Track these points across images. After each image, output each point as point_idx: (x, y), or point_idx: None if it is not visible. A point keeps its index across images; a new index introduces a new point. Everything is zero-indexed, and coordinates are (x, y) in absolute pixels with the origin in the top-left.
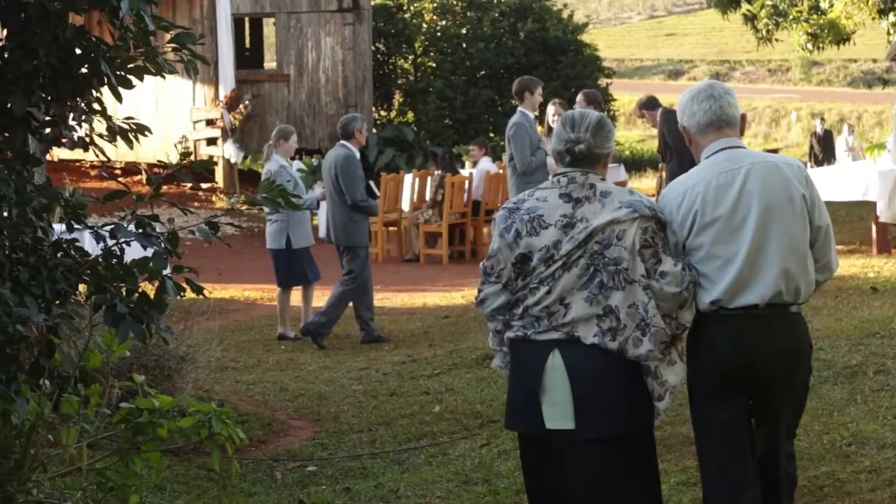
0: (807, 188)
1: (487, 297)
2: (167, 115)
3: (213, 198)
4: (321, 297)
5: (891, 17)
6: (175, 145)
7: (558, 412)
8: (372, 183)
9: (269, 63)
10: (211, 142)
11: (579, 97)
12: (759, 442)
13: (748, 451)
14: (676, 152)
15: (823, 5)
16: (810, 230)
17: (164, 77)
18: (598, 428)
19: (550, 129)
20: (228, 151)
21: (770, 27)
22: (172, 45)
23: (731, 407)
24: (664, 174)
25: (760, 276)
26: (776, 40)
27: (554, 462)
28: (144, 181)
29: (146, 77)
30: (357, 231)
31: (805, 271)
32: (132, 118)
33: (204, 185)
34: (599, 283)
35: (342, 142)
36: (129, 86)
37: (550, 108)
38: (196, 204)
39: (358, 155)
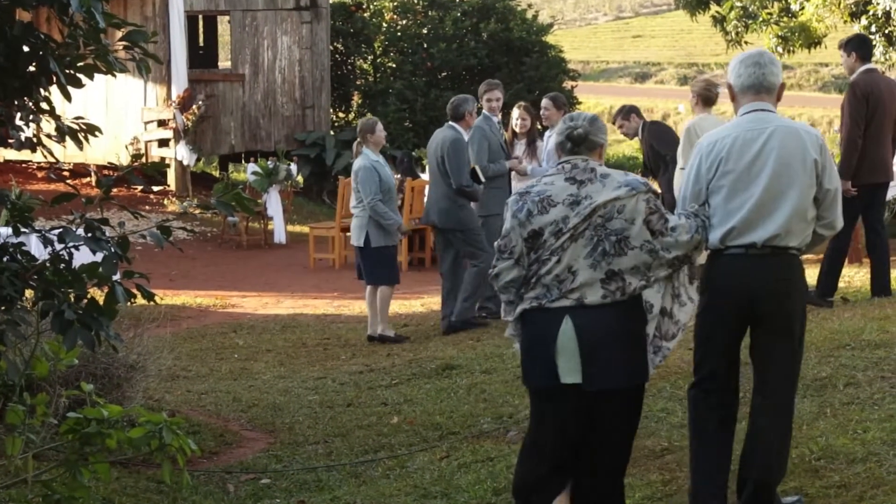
0: (820, 154)
1: (501, 272)
2: (117, 115)
3: (165, 201)
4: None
5: (863, 21)
6: (126, 147)
7: (570, 368)
8: (477, 168)
9: (224, 62)
10: (163, 143)
11: (545, 101)
12: (758, 387)
13: (736, 365)
14: (672, 157)
15: (794, 8)
16: (820, 191)
17: (114, 76)
18: (602, 381)
19: (515, 133)
20: (181, 153)
21: (739, 29)
22: (124, 43)
23: (725, 336)
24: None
25: (764, 220)
26: (746, 43)
27: (563, 412)
28: (94, 183)
29: (96, 76)
30: (465, 213)
31: (803, 223)
32: (82, 118)
33: (155, 188)
34: (602, 251)
35: (451, 123)
36: (79, 85)
37: (515, 112)
38: (147, 207)
39: (466, 138)
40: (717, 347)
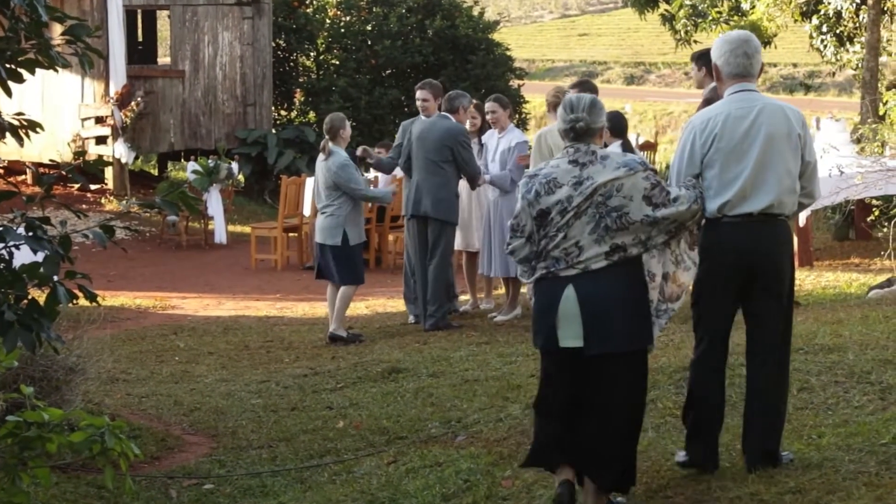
0: (802, 129)
1: (516, 249)
2: (54, 111)
3: (103, 200)
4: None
5: (814, 20)
6: (69, 144)
7: (571, 333)
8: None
9: (163, 58)
10: (100, 141)
11: (491, 105)
12: (752, 342)
13: (729, 329)
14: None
15: (745, 6)
16: (801, 163)
17: (56, 71)
18: (602, 345)
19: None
20: (119, 151)
21: (689, 28)
22: (66, 37)
23: (727, 293)
24: None
25: (758, 190)
26: (695, 42)
27: (566, 372)
28: (29, 181)
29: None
30: (456, 207)
31: (792, 192)
32: (22, 114)
33: (92, 187)
34: (605, 226)
35: (444, 114)
36: (20, 80)
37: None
38: (84, 206)
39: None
40: (717, 309)
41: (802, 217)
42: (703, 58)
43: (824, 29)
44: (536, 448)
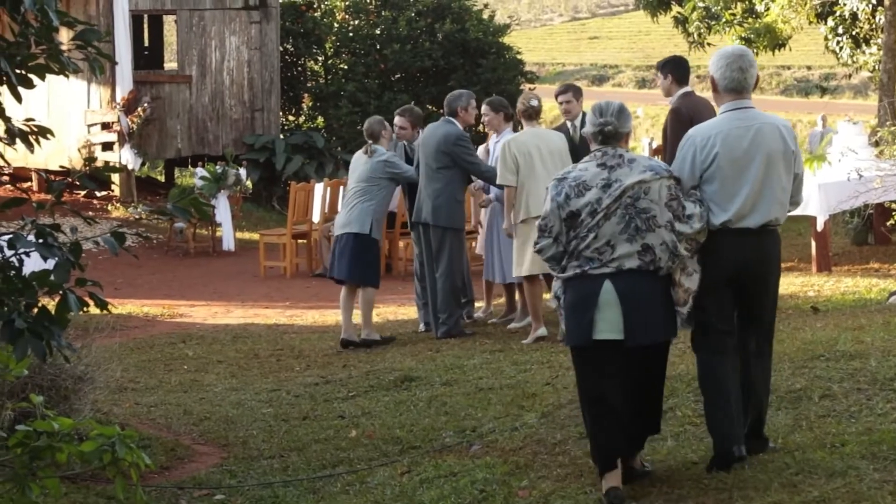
0: (794, 144)
1: (543, 248)
2: (60, 117)
3: (109, 206)
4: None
5: (829, 22)
6: (80, 150)
7: (610, 327)
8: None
9: (170, 63)
10: (107, 147)
11: (483, 108)
12: (747, 339)
13: (733, 324)
14: None
15: (759, 8)
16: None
17: (67, 76)
18: (642, 337)
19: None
20: (126, 157)
21: (702, 31)
22: (76, 42)
23: (726, 297)
24: None
25: (758, 207)
26: (708, 45)
27: (603, 366)
28: (35, 188)
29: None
30: (461, 212)
31: (785, 206)
32: (32, 119)
33: (98, 193)
34: (635, 227)
35: (448, 118)
36: (30, 85)
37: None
38: (90, 213)
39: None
40: (722, 309)
41: (820, 222)
42: (667, 66)
43: (840, 31)
44: (599, 455)
